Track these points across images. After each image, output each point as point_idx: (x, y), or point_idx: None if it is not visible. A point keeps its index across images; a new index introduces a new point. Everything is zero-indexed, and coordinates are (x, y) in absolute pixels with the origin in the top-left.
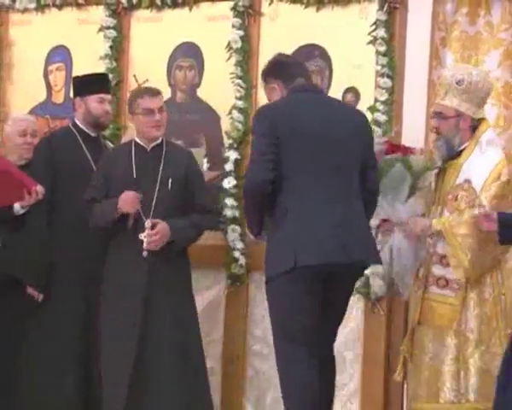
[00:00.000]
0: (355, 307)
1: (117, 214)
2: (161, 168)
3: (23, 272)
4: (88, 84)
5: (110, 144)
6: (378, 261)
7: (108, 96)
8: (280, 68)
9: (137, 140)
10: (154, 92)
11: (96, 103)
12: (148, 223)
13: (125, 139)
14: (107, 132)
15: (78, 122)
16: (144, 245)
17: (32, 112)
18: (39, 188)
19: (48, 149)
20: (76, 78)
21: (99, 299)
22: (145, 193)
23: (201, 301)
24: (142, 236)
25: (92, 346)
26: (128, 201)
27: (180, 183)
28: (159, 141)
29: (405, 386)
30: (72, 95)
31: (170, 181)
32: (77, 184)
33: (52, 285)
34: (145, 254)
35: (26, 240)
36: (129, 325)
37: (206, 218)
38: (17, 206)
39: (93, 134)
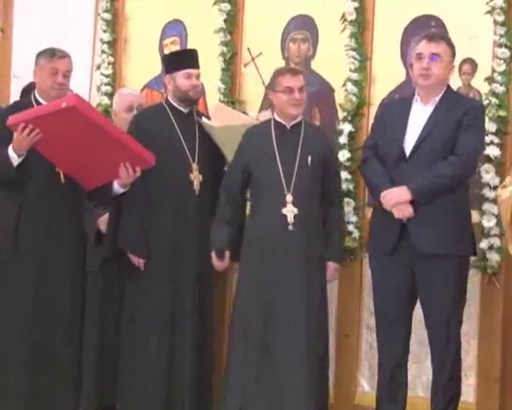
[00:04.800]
0: (471, 281)
1: None
2: (300, 146)
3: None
4: (175, 61)
5: (206, 120)
6: None
7: (196, 71)
8: None
9: (277, 118)
10: (296, 72)
11: (183, 79)
12: (289, 197)
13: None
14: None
15: (169, 99)
16: None
17: (147, 86)
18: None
19: (139, 124)
20: (164, 55)
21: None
22: (285, 169)
23: None
24: (285, 210)
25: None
26: None
27: (318, 163)
28: (298, 120)
29: None
30: None
31: (309, 158)
32: (166, 160)
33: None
34: (290, 228)
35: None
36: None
37: (337, 218)
38: (117, 186)
39: (184, 110)
